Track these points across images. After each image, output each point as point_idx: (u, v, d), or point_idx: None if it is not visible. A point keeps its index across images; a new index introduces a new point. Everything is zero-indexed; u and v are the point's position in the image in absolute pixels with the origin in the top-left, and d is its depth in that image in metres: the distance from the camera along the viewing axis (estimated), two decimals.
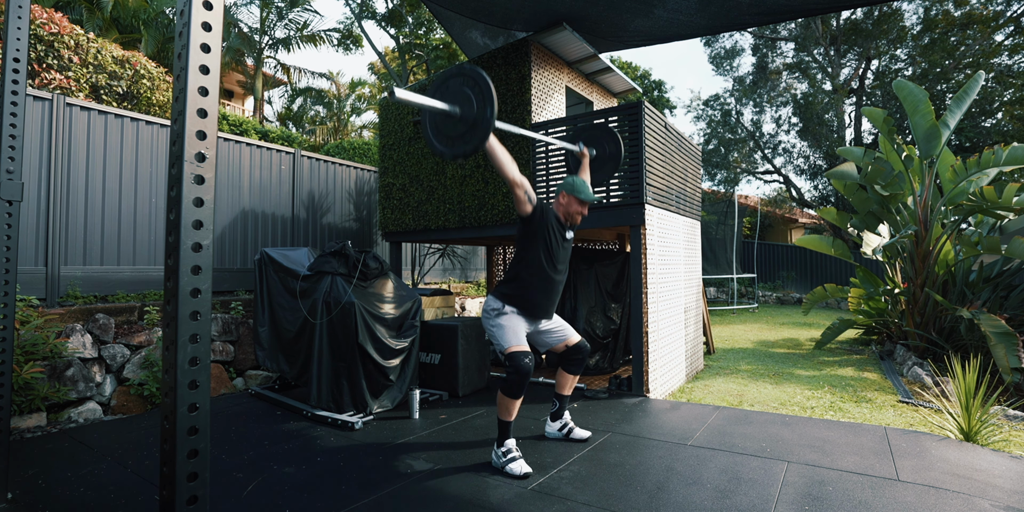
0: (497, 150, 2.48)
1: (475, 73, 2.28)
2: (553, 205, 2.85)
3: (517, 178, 2.59)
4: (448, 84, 2.37)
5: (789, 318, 10.30)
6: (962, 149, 12.74)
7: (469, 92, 2.27)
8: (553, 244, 2.75)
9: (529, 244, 2.75)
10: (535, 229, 2.72)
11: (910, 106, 5.54)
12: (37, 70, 5.11)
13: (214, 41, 1.18)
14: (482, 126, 2.23)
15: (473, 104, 2.26)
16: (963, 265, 5.71)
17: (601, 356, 4.92)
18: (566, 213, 2.82)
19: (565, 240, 2.84)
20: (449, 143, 2.36)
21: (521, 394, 2.62)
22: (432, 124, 2.44)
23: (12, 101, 2.28)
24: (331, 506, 2.23)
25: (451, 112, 2.30)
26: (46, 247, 4.12)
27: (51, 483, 2.49)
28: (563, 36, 4.70)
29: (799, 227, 21.23)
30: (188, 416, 1.14)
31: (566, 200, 2.81)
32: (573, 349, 2.96)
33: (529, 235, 2.74)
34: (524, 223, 2.75)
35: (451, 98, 2.33)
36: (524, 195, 2.64)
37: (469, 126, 2.27)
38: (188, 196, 1.14)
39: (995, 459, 2.77)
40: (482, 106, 2.23)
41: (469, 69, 2.31)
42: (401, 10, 14.67)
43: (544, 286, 2.78)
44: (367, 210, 7.08)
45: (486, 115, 2.22)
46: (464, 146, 2.29)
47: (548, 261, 2.76)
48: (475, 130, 2.26)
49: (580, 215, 2.83)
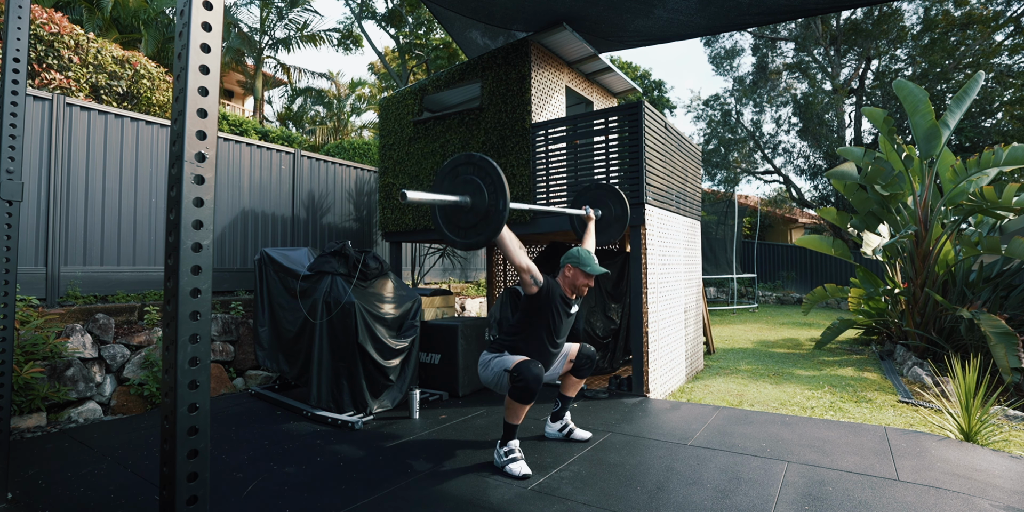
0: (507, 238, 2.48)
1: (485, 163, 2.27)
2: (558, 277, 2.84)
3: (525, 264, 2.58)
4: (457, 172, 2.35)
5: (789, 318, 10.30)
6: (962, 149, 12.74)
7: (479, 181, 2.26)
8: (555, 321, 2.74)
9: (532, 318, 2.73)
10: (539, 306, 2.71)
11: (910, 106, 5.54)
12: (37, 70, 5.11)
13: (214, 41, 1.18)
14: (494, 218, 2.23)
15: (484, 195, 2.24)
16: (963, 265, 5.71)
17: (601, 356, 4.92)
18: (572, 286, 2.80)
19: (569, 316, 2.83)
20: (461, 234, 2.36)
21: (532, 399, 2.59)
22: (443, 214, 2.43)
23: (12, 101, 2.28)
24: (331, 506, 2.23)
25: (462, 204, 2.29)
26: (46, 247, 4.12)
27: (51, 483, 2.49)
28: (563, 36, 4.70)
29: (799, 227, 21.22)
30: (188, 416, 1.14)
31: (572, 273, 2.79)
32: (579, 358, 2.96)
33: (532, 310, 2.72)
34: (528, 300, 2.73)
35: (461, 187, 2.31)
36: (531, 279, 2.63)
37: (481, 217, 2.27)
38: (188, 196, 1.14)
39: (995, 459, 2.77)
40: (494, 198, 2.22)
41: (479, 158, 2.30)
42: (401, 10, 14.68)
43: (543, 358, 2.78)
44: (367, 210, 7.08)
45: (498, 207, 2.21)
46: (476, 237, 2.29)
47: (548, 338, 2.76)
48: (487, 222, 2.25)
49: (587, 287, 2.81)
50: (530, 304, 2.73)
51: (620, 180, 4.17)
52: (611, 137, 4.28)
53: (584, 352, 2.96)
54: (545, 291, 2.69)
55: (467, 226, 2.33)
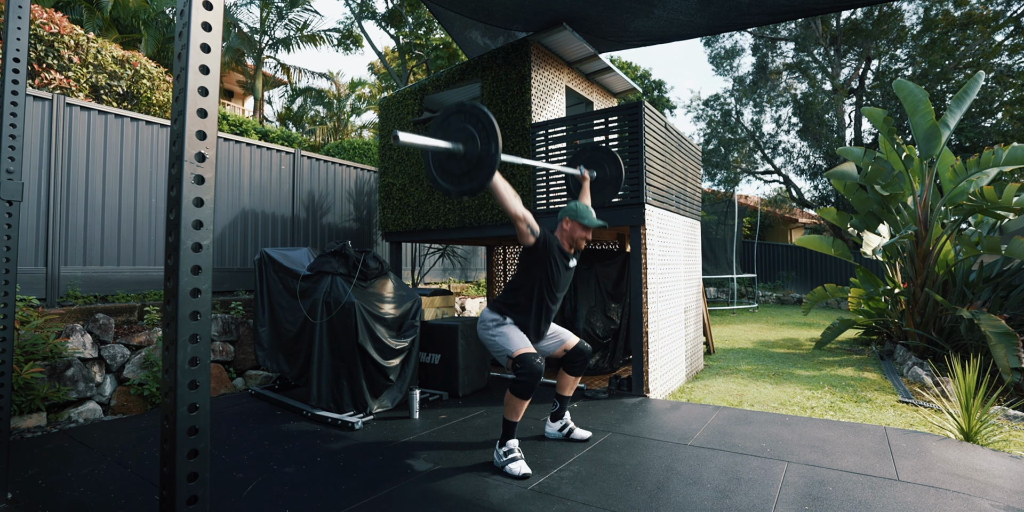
0: (500, 186, 2.47)
1: (476, 109, 2.26)
2: (556, 231, 2.84)
3: (520, 212, 2.58)
4: (449, 121, 2.35)
5: (789, 318, 10.30)
6: (962, 149, 12.74)
7: (471, 128, 2.26)
8: (554, 274, 2.75)
9: (530, 272, 2.74)
10: (536, 259, 2.72)
11: (910, 106, 5.54)
12: (37, 70, 5.11)
13: (214, 41, 1.18)
14: (487, 163, 2.22)
15: (476, 141, 2.24)
16: (963, 265, 5.71)
17: (601, 356, 4.92)
18: (570, 239, 2.81)
19: (567, 269, 2.83)
20: (454, 181, 2.35)
21: (531, 395, 2.62)
22: (436, 163, 2.42)
23: (12, 101, 2.28)
24: (331, 506, 2.24)
25: (455, 150, 2.28)
26: (46, 247, 4.12)
27: (51, 483, 2.49)
28: (563, 36, 4.70)
29: (799, 227, 21.23)
30: (188, 416, 1.14)
31: (570, 226, 2.80)
32: (574, 352, 2.96)
33: (531, 264, 2.74)
34: (526, 252, 2.75)
35: (453, 136, 2.31)
36: (527, 228, 2.63)
37: (474, 164, 2.26)
38: (188, 196, 1.14)
39: (995, 459, 2.77)
40: (486, 143, 2.21)
41: (470, 106, 2.29)
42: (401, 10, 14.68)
43: (543, 314, 2.80)
44: (367, 210, 7.08)
45: (490, 151, 2.20)
46: (470, 183, 2.28)
47: (548, 291, 2.77)
48: (480, 167, 2.25)
49: (584, 241, 2.82)
50: (528, 257, 2.74)
51: None
52: (611, 137, 4.28)
53: (580, 347, 2.97)
54: (542, 242, 2.70)
55: (461, 173, 2.33)
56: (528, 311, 2.76)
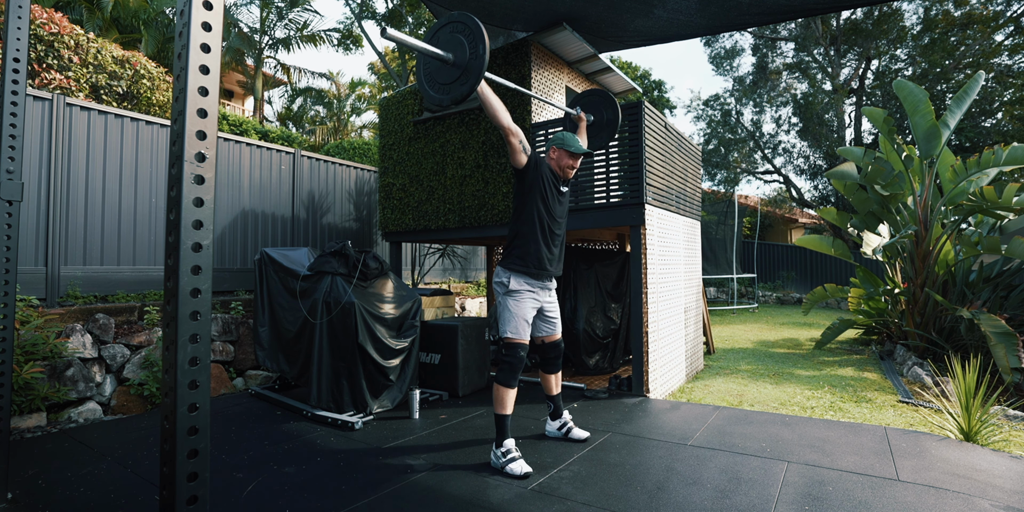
0: (489, 96, 2.49)
1: (463, 17, 2.30)
2: (545, 159, 2.86)
3: (511, 125, 2.58)
4: (439, 36, 2.39)
5: (789, 318, 10.30)
6: (962, 149, 12.74)
7: (461, 37, 2.30)
8: (549, 196, 2.77)
9: (526, 198, 2.77)
10: (530, 181, 2.74)
11: (910, 106, 5.54)
12: (37, 70, 5.11)
13: (214, 41, 1.18)
14: (475, 66, 2.24)
15: (465, 48, 2.27)
16: (963, 265, 5.71)
17: (601, 356, 4.92)
18: (558, 167, 2.84)
19: (561, 194, 2.86)
20: (444, 90, 2.38)
21: (514, 383, 2.68)
22: (426, 73, 2.46)
23: (12, 101, 2.28)
24: (331, 506, 2.23)
25: (444, 57, 2.32)
26: (46, 247, 4.12)
27: (51, 483, 2.49)
28: (563, 36, 4.70)
29: (799, 227, 21.22)
30: (188, 416, 1.14)
31: (557, 154, 2.83)
32: (550, 346, 3.00)
33: (525, 189, 2.76)
34: (519, 176, 2.77)
35: (443, 46, 2.35)
36: (519, 144, 2.64)
37: (463, 70, 2.30)
38: (188, 196, 1.14)
39: (995, 459, 2.77)
40: (473, 45, 2.24)
41: (457, 15, 2.33)
42: (401, 10, 14.67)
43: (546, 238, 2.79)
44: (367, 210, 7.08)
45: (478, 52, 2.22)
46: (461, 88, 2.31)
47: (547, 212, 2.77)
48: (469, 72, 2.28)
49: (572, 169, 2.84)
50: (522, 181, 2.76)
51: (620, 180, 4.17)
52: None
53: (559, 342, 3.01)
54: (534, 162, 2.73)
55: (450, 81, 2.36)
56: (531, 238, 2.76)
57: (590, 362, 4.81)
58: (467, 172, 5.00)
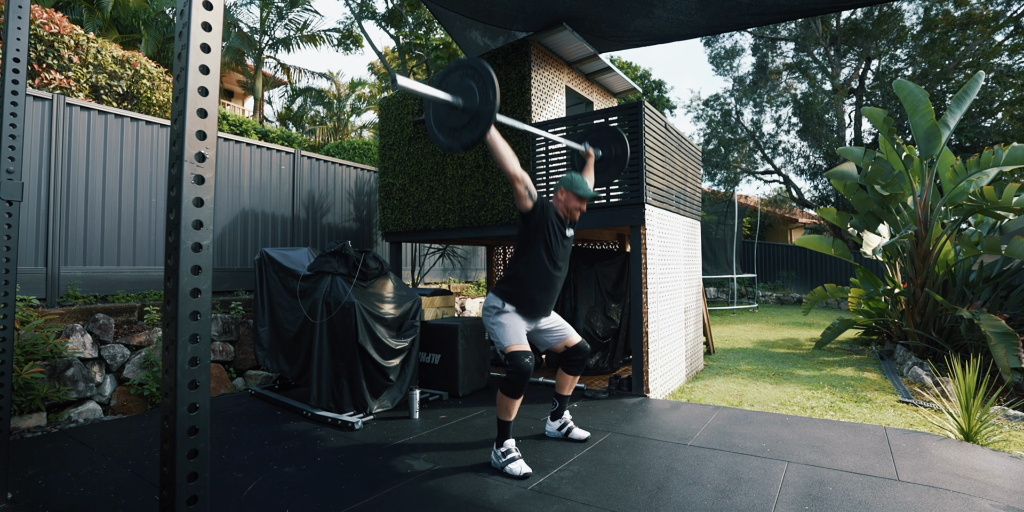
0: (499, 143, 2.48)
1: (474, 62, 2.28)
2: (552, 201, 2.84)
3: (518, 173, 2.57)
4: (448, 79, 2.36)
5: (789, 318, 10.30)
6: (962, 149, 12.74)
7: (471, 83, 2.27)
8: (553, 241, 2.75)
9: (529, 241, 2.74)
10: (535, 226, 2.72)
11: (910, 106, 5.54)
12: (37, 70, 5.11)
13: (214, 41, 1.18)
14: (485, 111, 2.22)
15: (475, 93, 2.25)
16: (963, 265, 5.71)
17: (601, 356, 4.92)
18: (565, 209, 2.81)
19: (565, 237, 2.83)
20: (454, 135, 2.35)
21: (521, 394, 2.62)
22: (435, 117, 2.43)
23: (12, 101, 2.28)
24: (331, 506, 2.23)
25: (454, 103, 2.29)
26: (46, 247, 4.12)
27: (51, 483, 2.49)
28: (563, 36, 4.70)
29: (799, 227, 21.22)
30: (188, 416, 1.14)
31: (565, 196, 2.81)
32: (573, 350, 2.96)
33: (529, 232, 2.74)
34: (524, 219, 2.75)
35: (453, 91, 2.32)
36: (525, 190, 2.63)
37: (472, 115, 2.27)
38: (188, 196, 1.14)
39: (995, 459, 2.77)
40: (484, 91, 2.22)
41: (467, 60, 2.31)
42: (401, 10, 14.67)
43: (544, 284, 2.77)
44: (367, 210, 7.08)
45: (488, 98, 2.20)
46: (470, 134, 2.28)
47: (548, 258, 2.75)
48: (479, 118, 2.25)
49: (579, 211, 2.82)
50: (526, 224, 2.74)
51: (620, 180, 4.17)
52: None
53: (581, 346, 2.97)
54: (540, 206, 2.71)
55: (459, 126, 2.33)
56: (529, 282, 2.74)
57: (590, 362, 4.81)
58: (467, 172, 5.00)
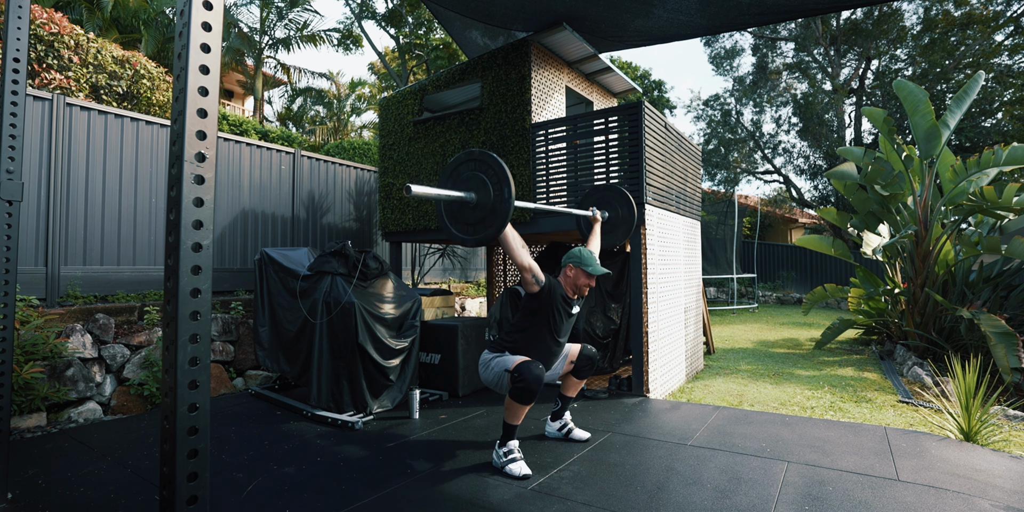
0: (510, 236, 2.48)
1: (485, 156, 2.28)
2: (560, 277, 2.84)
3: (528, 263, 2.59)
4: (459, 171, 2.36)
5: (789, 318, 10.30)
6: (962, 149, 12.74)
7: (482, 176, 2.27)
8: (556, 321, 2.74)
9: (533, 318, 2.74)
10: (540, 306, 2.71)
11: (910, 106, 5.54)
12: (37, 70, 5.11)
13: (214, 41, 1.18)
14: (501, 209, 2.23)
15: (489, 189, 2.25)
16: (963, 265, 5.71)
17: (601, 356, 4.91)
18: (574, 285, 2.80)
19: (570, 316, 2.83)
20: (469, 230, 2.36)
21: (533, 400, 2.58)
22: (449, 213, 2.44)
23: (12, 101, 2.28)
24: (331, 506, 2.23)
25: (467, 199, 2.29)
26: (46, 247, 4.12)
27: (51, 483, 2.49)
28: (563, 36, 4.70)
29: (799, 227, 21.22)
30: (188, 416, 1.14)
31: (574, 273, 2.79)
32: (580, 359, 2.96)
33: (533, 310, 2.73)
34: (530, 298, 2.74)
35: (464, 185, 2.32)
36: (532, 279, 2.64)
37: (488, 211, 2.27)
38: (188, 196, 1.14)
39: (995, 459, 2.77)
40: (499, 189, 2.23)
41: (479, 153, 2.31)
42: (401, 10, 14.67)
43: (544, 356, 2.78)
44: (367, 210, 7.08)
45: (503, 197, 2.21)
46: (486, 231, 2.29)
47: (550, 337, 2.77)
48: (495, 214, 2.26)
49: (588, 287, 2.81)
50: (531, 303, 2.73)
51: (620, 180, 4.17)
52: (611, 137, 4.28)
53: (585, 353, 2.96)
54: (547, 290, 2.69)
55: (474, 222, 2.34)
56: (527, 353, 2.74)
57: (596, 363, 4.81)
58: None
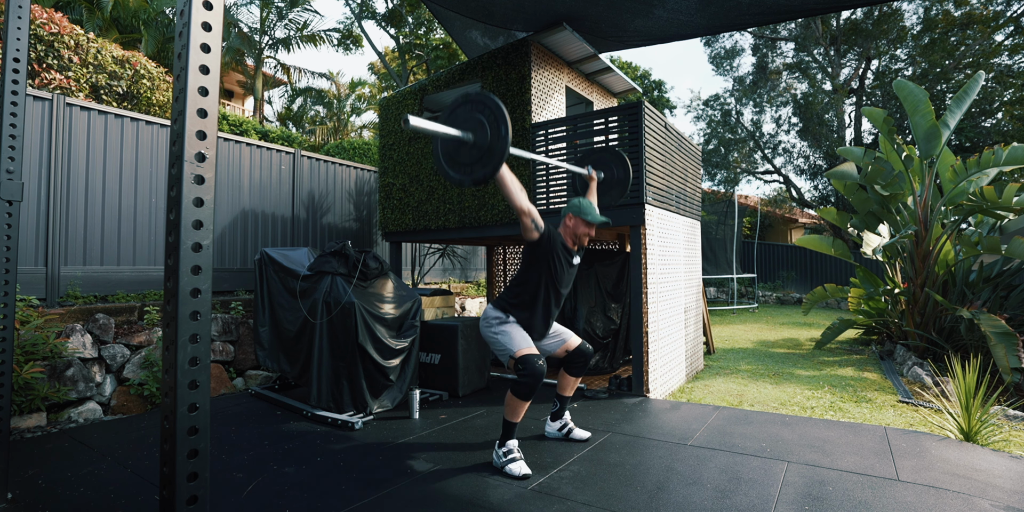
0: (507, 178, 2.47)
1: (483, 96, 2.26)
2: (560, 228, 2.84)
3: (525, 206, 2.58)
4: (457, 113, 2.34)
5: (789, 318, 10.30)
6: (962, 149, 12.74)
7: (480, 117, 2.25)
8: (558, 270, 2.75)
9: (534, 268, 2.74)
10: (541, 255, 2.71)
11: (910, 106, 5.54)
12: (37, 70, 5.11)
13: (214, 41, 1.18)
14: (499, 147, 2.20)
15: (486, 128, 2.23)
16: (963, 265, 5.71)
17: (601, 356, 4.92)
18: (573, 235, 2.80)
19: (571, 266, 2.83)
20: (466, 170, 2.33)
21: (532, 396, 2.61)
22: (445, 153, 2.41)
23: (12, 101, 2.28)
24: (331, 506, 2.23)
25: (464, 138, 2.27)
26: (46, 247, 4.12)
27: (51, 483, 2.49)
28: (563, 36, 4.70)
29: (799, 227, 21.22)
30: (188, 416, 1.14)
31: (573, 222, 2.79)
32: (575, 353, 2.96)
33: (535, 260, 2.73)
34: (530, 248, 2.75)
35: (462, 125, 2.30)
36: (531, 223, 2.63)
37: (484, 151, 2.25)
38: (188, 196, 1.14)
39: (995, 459, 2.77)
40: (496, 128, 2.20)
41: (475, 94, 2.29)
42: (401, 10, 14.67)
43: (546, 307, 2.79)
44: (367, 210, 7.08)
45: (500, 134, 2.18)
46: (483, 170, 2.26)
47: (552, 287, 2.76)
48: (491, 153, 2.23)
49: (588, 237, 2.81)
50: (532, 253, 2.73)
51: None
52: (611, 137, 4.28)
53: (582, 348, 2.97)
54: (547, 238, 2.70)
55: (471, 162, 2.31)
56: (531, 307, 2.76)
57: (590, 362, 4.81)
58: None
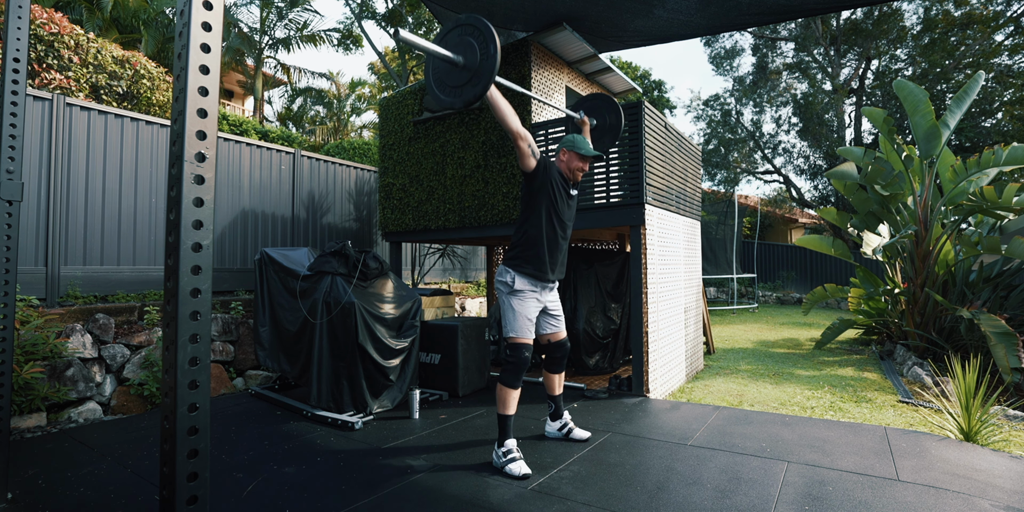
0: (499, 100, 2.47)
1: (473, 19, 2.28)
2: (555, 162, 2.85)
3: (519, 130, 2.57)
4: (447, 39, 2.37)
5: (789, 318, 10.30)
6: (962, 149, 12.74)
7: (471, 40, 2.27)
8: (558, 200, 2.76)
9: (534, 201, 2.75)
10: (539, 185, 2.73)
11: (910, 106, 5.54)
12: (37, 70, 5.11)
13: (214, 41, 1.18)
14: (487, 67, 2.21)
15: (476, 49, 2.25)
16: (963, 265, 5.71)
17: (601, 356, 4.92)
18: (568, 169, 2.83)
19: (570, 196, 2.86)
20: (455, 92, 2.35)
21: (518, 384, 2.69)
22: (436, 77, 2.43)
23: (12, 101, 2.28)
24: (331, 506, 2.23)
25: (455, 59, 2.29)
26: (46, 247, 4.12)
27: (51, 483, 2.49)
28: (563, 36, 4.70)
29: (799, 227, 21.22)
30: (188, 416, 1.14)
31: (567, 156, 2.82)
32: (556, 345, 2.98)
33: (533, 192, 2.75)
34: (528, 179, 2.75)
35: (453, 49, 2.33)
36: (527, 148, 2.64)
37: (474, 72, 2.27)
38: (188, 196, 1.14)
39: (995, 459, 2.77)
40: (484, 47, 2.22)
41: (465, 18, 2.31)
42: (401, 10, 14.67)
43: (551, 243, 2.79)
44: (367, 210, 7.08)
45: (489, 52, 2.19)
46: (472, 90, 2.27)
47: (555, 215, 2.77)
48: (480, 74, 2.25)
49: (581, 171, 2.84)
50: (529, 186, 2.75)
51: (620, 180, 4.17)
52: None
53: (564, 342, 3.00)
54: (543, 166, 2.72)
55: (461, 83, 2.33)
56: (537, 241, 2.76)
57: (590, 362, 4.81)
58: (467, 172, 5.00)
